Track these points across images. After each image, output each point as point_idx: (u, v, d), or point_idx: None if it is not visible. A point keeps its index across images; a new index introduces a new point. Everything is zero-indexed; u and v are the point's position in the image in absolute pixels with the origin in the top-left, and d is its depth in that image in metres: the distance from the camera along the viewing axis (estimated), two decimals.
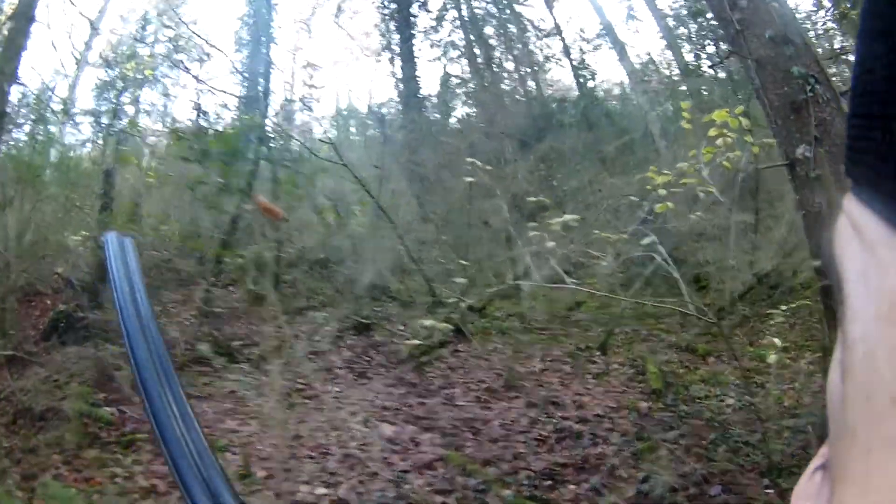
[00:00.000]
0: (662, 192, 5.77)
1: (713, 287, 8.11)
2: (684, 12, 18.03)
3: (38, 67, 18.51)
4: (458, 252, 9.38)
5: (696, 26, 17.67)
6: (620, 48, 18.96)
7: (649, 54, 19.66)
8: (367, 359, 8.29)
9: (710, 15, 15.19)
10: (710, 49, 17.18)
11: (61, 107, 15.71)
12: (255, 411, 7.23)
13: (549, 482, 5.61)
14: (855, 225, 0.29)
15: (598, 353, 8.26)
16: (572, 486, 5.53)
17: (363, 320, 9.32)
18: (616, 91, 20.63)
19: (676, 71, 18.42)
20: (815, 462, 0.40)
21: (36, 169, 10.69)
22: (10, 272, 8.34)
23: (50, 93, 16.38)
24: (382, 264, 9.64)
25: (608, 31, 19.36)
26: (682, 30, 18.54)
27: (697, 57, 17.79)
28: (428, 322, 6.10)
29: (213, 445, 5.02)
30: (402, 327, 7.65)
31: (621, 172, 12.96)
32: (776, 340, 4.98)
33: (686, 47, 18.46)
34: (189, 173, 10.36)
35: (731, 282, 7.39)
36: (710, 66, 16.08)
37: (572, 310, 9.32)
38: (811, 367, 6.32)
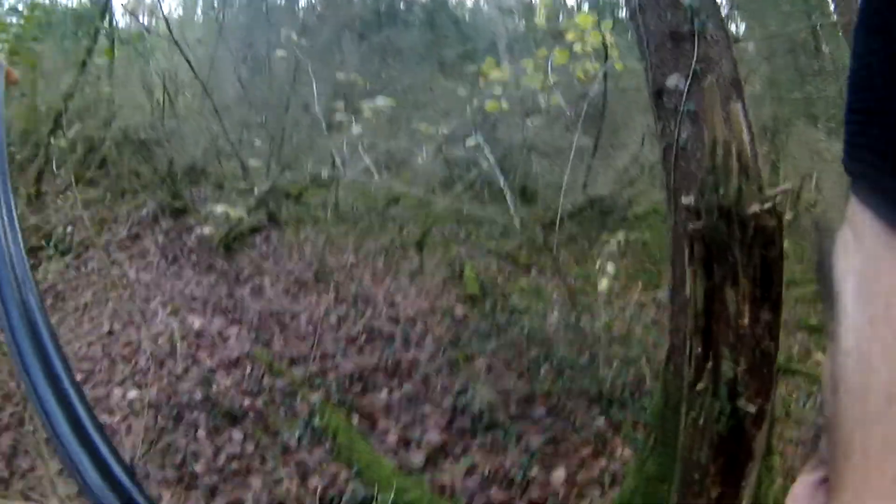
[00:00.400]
0: (497, 90, 5.38)
1: (541, 202, 7.97)
2: None
3: None
4: (277, 137, 8.76)
5: None
6: None
7: None
8: (181, 244, 7.70)
9: None
10: None
11: None
12: (73, 306, 6.77)
13: (360, 387, 5.34)
14: (854, 227, 0.29)
15: (413, 251, 7.93)
16: (384, 393, 5.29)
17: (179, 204, 8.68)
18: (469, 2, 19.89)
19: None
20: (808, 470, 0.37)
21: None
22: None
23: None
24: (202, 146, 9.01)
25: None
26: None
27: None
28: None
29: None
30: (217, 212, 7.08)
31: (458, 78, 12.73)
32: (609, 266, 4.83)
33: None
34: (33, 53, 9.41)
35: (561, 199, 7.31)
36: None
37: (390, 204, 8.94)
38: (642, 298, 6.36)
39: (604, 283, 4.82)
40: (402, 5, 18.54)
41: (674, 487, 2.44)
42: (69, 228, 7.89)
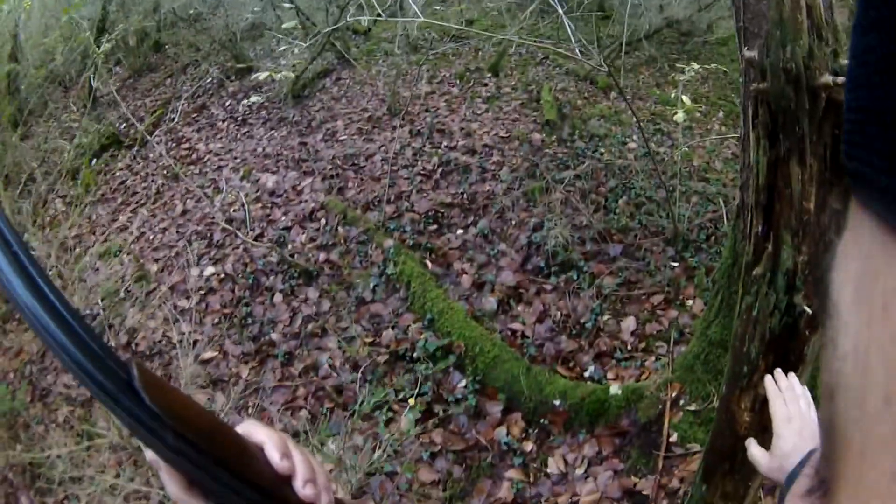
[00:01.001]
0: None
1: (618, 20, 7.37)
2: None
3: None
4: None
5: None
6: None
7: None
8: (249, 103, 7.50)
9: None
10: None
11: None
12: (144, 195, 6.82)
13: (434, 226, 5.28)
14: (852, 228, 0.29)
15: (489, 76, 7.55)
16: (459, 231, 5.21)
17: (242, 64, 8.44)
18: None
19: None
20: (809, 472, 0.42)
21: None
22: None
23: None
24: (256, 4, 8.68)
25: None
26: None
27: None
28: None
29: (109, 252, 4.55)
30: (283, 62, 6.79)
31: None
32: (685, 97, 4.44)
33: None
34: None
35: (636, 20, 6.69)
36: None
37: (462, 29, 8.48)
38: (723, 129, 5.91)
39: (679, 115, 4.44)
40: None
41: (724, 376, 2.32)
42: (131, 121, 7.84)
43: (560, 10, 4.31)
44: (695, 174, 5.33)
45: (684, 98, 4.42)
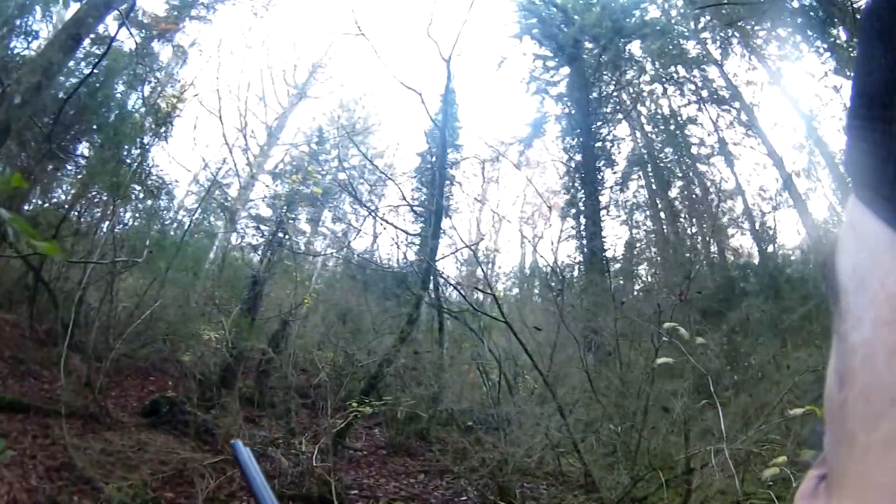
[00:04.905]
0: None
1: None
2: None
3: (211, 163, 17.94)
4: (628, 444, 7.72)
5: None
6: (801, 204, 17.23)
7: (832, 206, 17.44)
8: None
9: None
10: None
11: (227, 206, 15.96)
12: None
13: None
14: (856, 228, 0.28)
15: None
16: None
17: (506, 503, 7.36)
18: (796, 254, 18.25)
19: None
20: (816, 472, 0.35)
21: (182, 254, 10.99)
22: (112, 339, 8.15)
23: (219, 190, 16.63)
24: (540, 440, 7.85)
25: (788, 185, 17.63)
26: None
27: None
28: None
29: None
30: None
31: (804, 344, 11.42)
32: None
33: None
34: (346, 303, 9.71)
35: None
36: None
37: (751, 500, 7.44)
38: None
39: None
40: (736, 273, 17.70)
41: None
42: (363, 493, 7.15)
43: None
44: None
45: None
